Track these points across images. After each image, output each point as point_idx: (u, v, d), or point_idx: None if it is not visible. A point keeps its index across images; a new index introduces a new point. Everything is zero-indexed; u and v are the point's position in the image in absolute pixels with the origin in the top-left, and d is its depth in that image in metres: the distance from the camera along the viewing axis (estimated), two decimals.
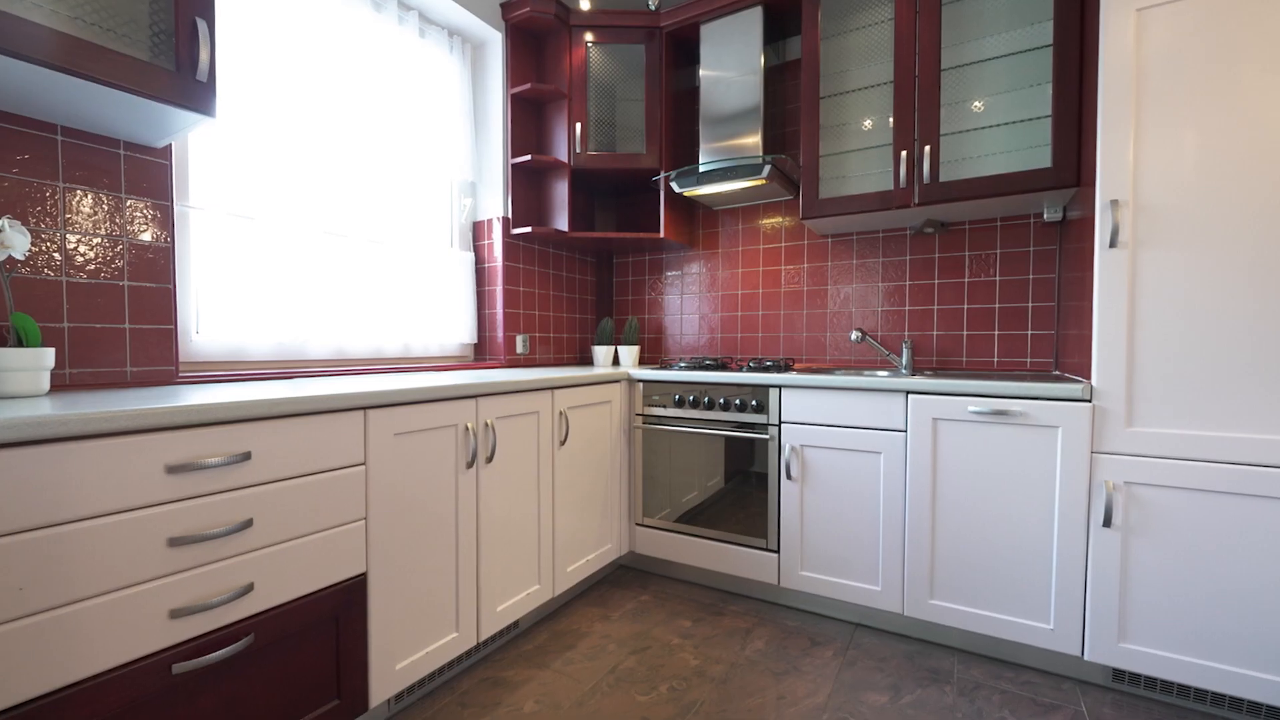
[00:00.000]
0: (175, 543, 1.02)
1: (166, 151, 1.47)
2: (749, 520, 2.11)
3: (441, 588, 1.55)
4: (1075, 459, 1.57)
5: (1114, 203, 1.51)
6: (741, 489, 2.13)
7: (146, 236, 1.45)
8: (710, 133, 2.50)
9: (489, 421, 1.68)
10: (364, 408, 1.34)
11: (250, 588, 1.12)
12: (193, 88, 1.23)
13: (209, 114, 1.26)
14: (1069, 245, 1.96)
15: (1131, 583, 1.52)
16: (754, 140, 2.39)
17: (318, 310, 1.96)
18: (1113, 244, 1.52)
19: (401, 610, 1.44)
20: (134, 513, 0.98)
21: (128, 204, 1.41)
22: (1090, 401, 1.56)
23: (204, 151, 1.69)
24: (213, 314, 1.70)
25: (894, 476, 1.83)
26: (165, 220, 1.48)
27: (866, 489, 1.88)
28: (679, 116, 2.76)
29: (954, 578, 1.75)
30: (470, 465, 1.62)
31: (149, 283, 1.45)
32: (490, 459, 1.68)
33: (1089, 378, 1.58)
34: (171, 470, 1.02)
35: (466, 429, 1.61)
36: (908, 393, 1.80)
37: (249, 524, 1.12)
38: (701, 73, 2.53)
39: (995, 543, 1.69)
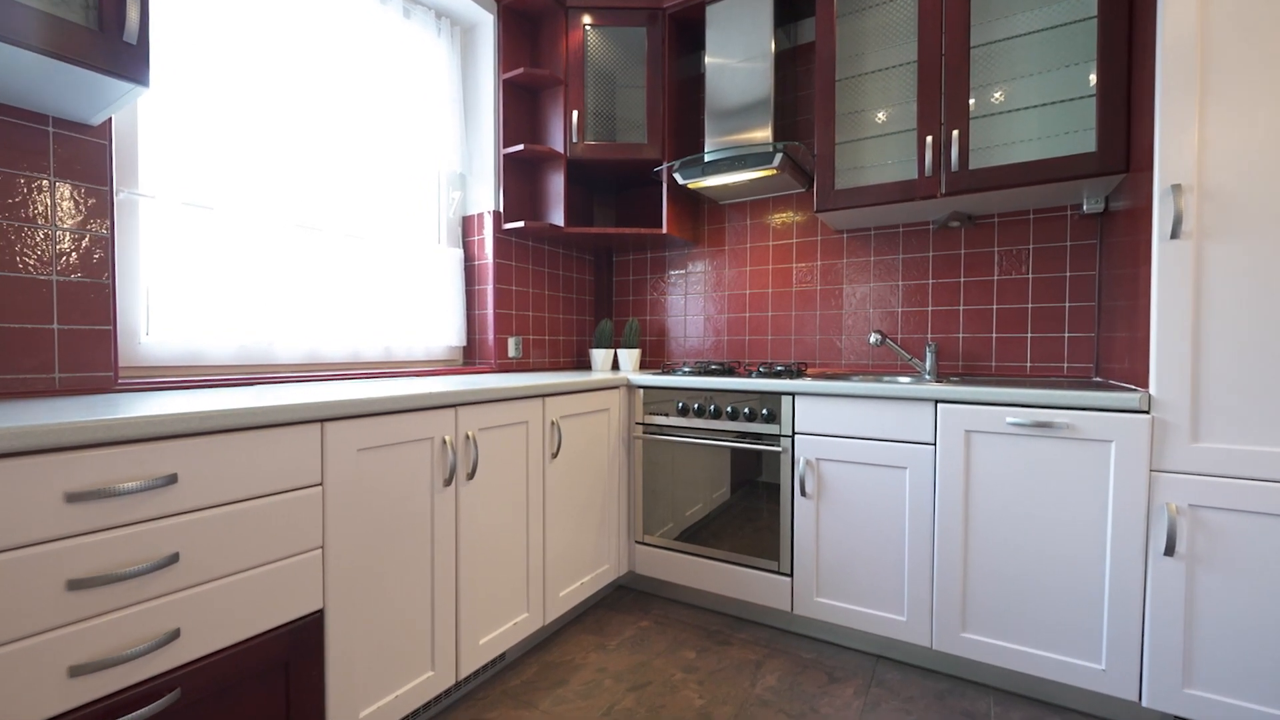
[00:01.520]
0: (77, 585, 0.85)
1: (104, 130, 1.31)
2: (759, 538, 1.93)
3: (415, 622, 1.38)
4: (1131, 478, 1.39)
5: (1175, 188, 1.32)
6: (750, 501, 1.95)
7: (80, 226, 1.28)
8: (716, 126, 2.32)
9: (470, 433, 1.50)
10: (321, 420, 1.17)
11: (176, 634, 0.95)
12: (120, 51, 1.07)
13: (140, 82, 1.09)
14: (1112, 239, 1.78)
15: (1198, 620, 1.34)
16: (764, 135, 2.21)
17: (287, 310, 1.79)
18: (1174, 234, 1.33)
19: (367, 650, 1.27)
20: (19, 552, 0.80)
21: (58, 188, 1.25)
22: (1148, 413, 1.37)
23: (156, 134, 1.53)
24: (165, 314, 1.53)
25: (921, 495, 1.65)
26: (103, 208, 1.31)
27: (890, 508, 1.70)
28: (683, 107, 2.59)
29: (990, 609, 1.57)
30: (448, 483, 1.45)
31: (83, 277, 1.28)
32: (471, 475, 1.50)
33: (1145, 385, 1.40)
34: (73, 499, 0.84)
35: (444, 442, 1.44)
36: (937, 401, 1.62)
37: (174, 559, 0.95)
38: (707, 59, 2.36)
39: (1037, 571, 1.50)
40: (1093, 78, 1.69)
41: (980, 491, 1.57)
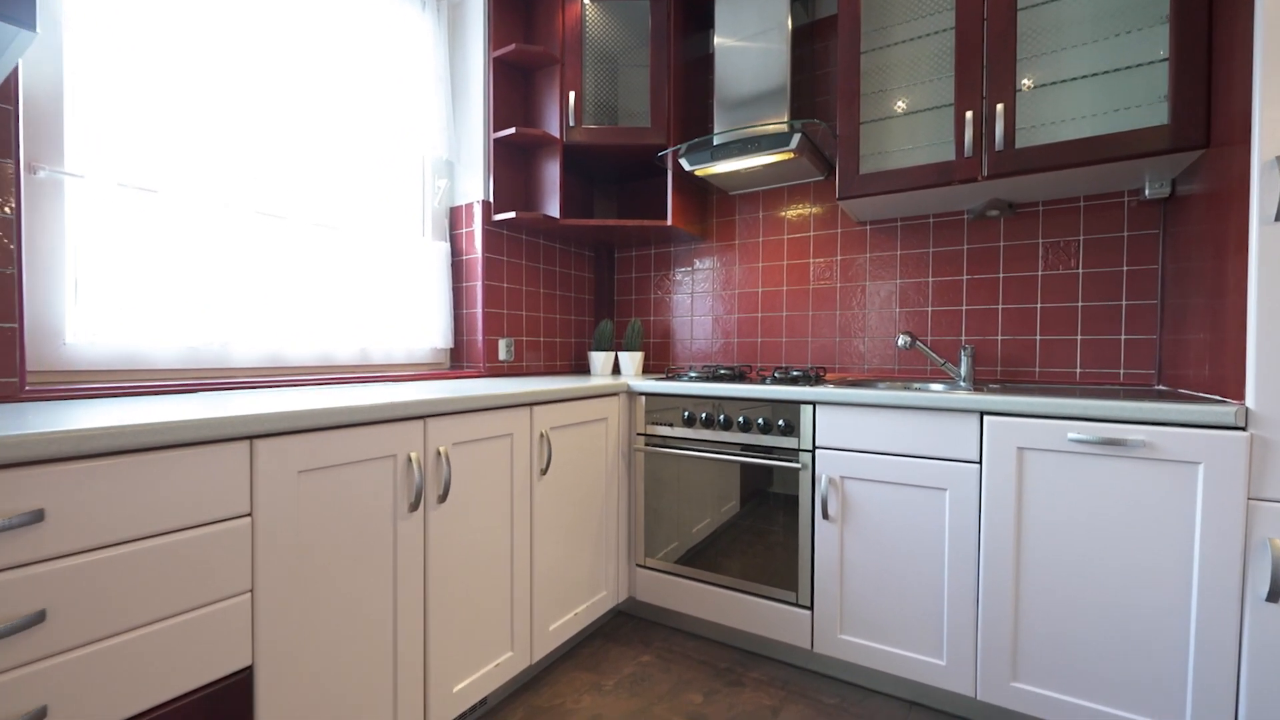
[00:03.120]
0: None
1: (7, 93, 1.11)
2: (773, 562, 1.71)
3: (373, 672, 1.17)
4: (1223, 507, 1.16)
5: None
6: (762, 514, 1.73)
7: None
8: (727, 116, 2.12)
9: (442, 449, 1.30)
10: (249, 436, 0.97)
11: (42, 714, 0.75)
12: None
13: (22, 24, 0.89)
14: (1183, 228, 1.55)
15: None
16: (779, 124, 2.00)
17: (245, 308, 1.59)
18: (1278, 216, 1.11)
19: (310, 710, 1.06)
20: None
21: None
22: (1245, 430, 1.15)
23: (87, 106, 1.34)
24: (97, 311, 1.33)
25: (963, 521, 1.43)
26: (7, 185, 1.12)
27: (927, 535, 1.48)
28: (690, 91, 2.39)
29: (1046, 656, 1.34)
30: (415, 508, 1.24)
31: None
32: (443, 498, 1.30)
33: (1239, 397, 1.17)
34: None
35: (409, 460, 1.23)
36: (982, 413, 1.40)
37: (40, 618, 0.74)
38: (717, 40, 2.16)
39: (1106, 614, 1.28)
40: (1163, 43, 1.47)
41: (1035, 519, 1.35)
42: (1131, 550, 1.25)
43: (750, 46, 2.09)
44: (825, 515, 1.61)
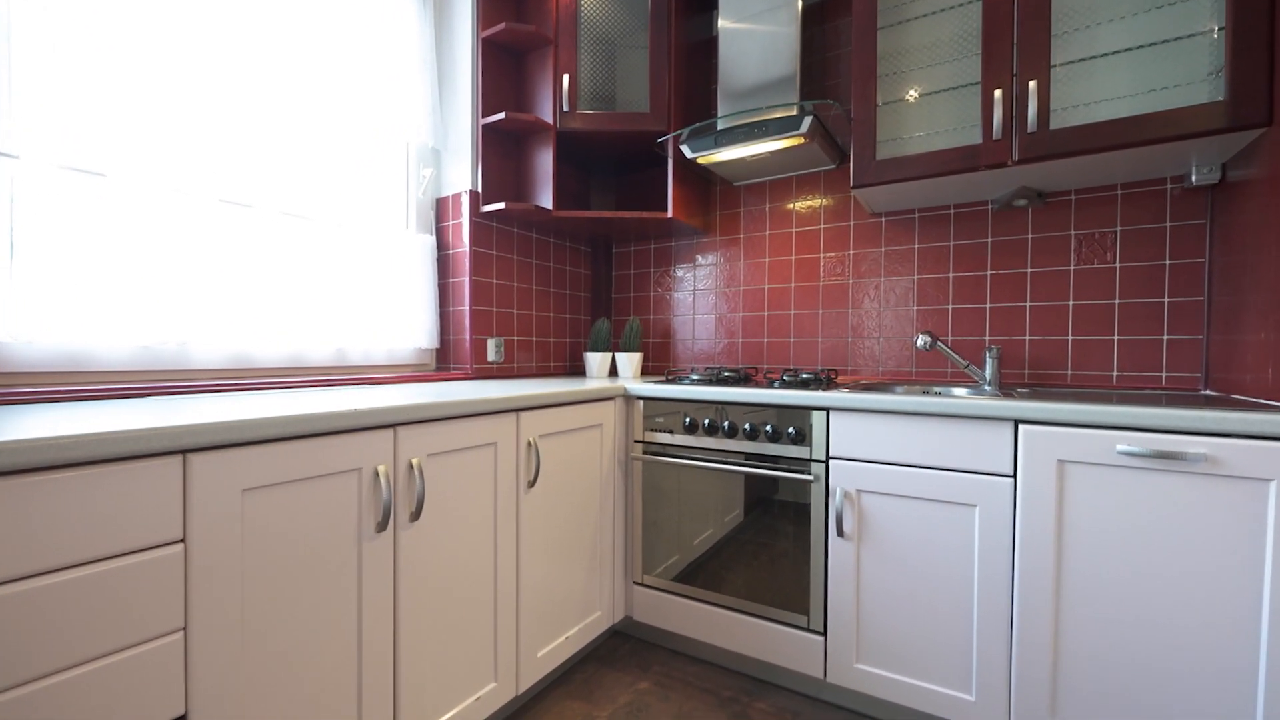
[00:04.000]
0: None
1: None
2: (782, 581, 1.57)
3: (334, 715, 1.04)
4: None
5: None
6: (767, 527, 1.59)
7: None
8: (730, 106, 1.98)
9: (415, 461, 1.16)
10: (182, 450, 0.83)
11: None
12: None
13: None
14: (1233, 218, 1.41)
15: None
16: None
17: (207, 305, 1.46)
18: None
19: None
20: None
21: None
22: None
23: (26, 78, 1.20)
24: (35, 307, 1.20)
25: (995, 541, 1.29)
26: None
27: (954, 556, 1.34)
28: (692, 76, 2.25)
29: (1090, 693, 1.20)
30: (383, 527, 1.10)
31: None
32: (416, 516, 1.16)
33: None
34: None
35: (376, 474, 1.10)
36: (1017, 421, 1.26)
37: None
38: (720, 22, 2.02)
39: (1159, 647, 1.14)
40: (1211, 14, 1.33)
41: (1078, 539, 1.21)
42: (1189, 576, 1.11)
43: (756, 29, 1.96)
44: (840, 532, 1.47)
